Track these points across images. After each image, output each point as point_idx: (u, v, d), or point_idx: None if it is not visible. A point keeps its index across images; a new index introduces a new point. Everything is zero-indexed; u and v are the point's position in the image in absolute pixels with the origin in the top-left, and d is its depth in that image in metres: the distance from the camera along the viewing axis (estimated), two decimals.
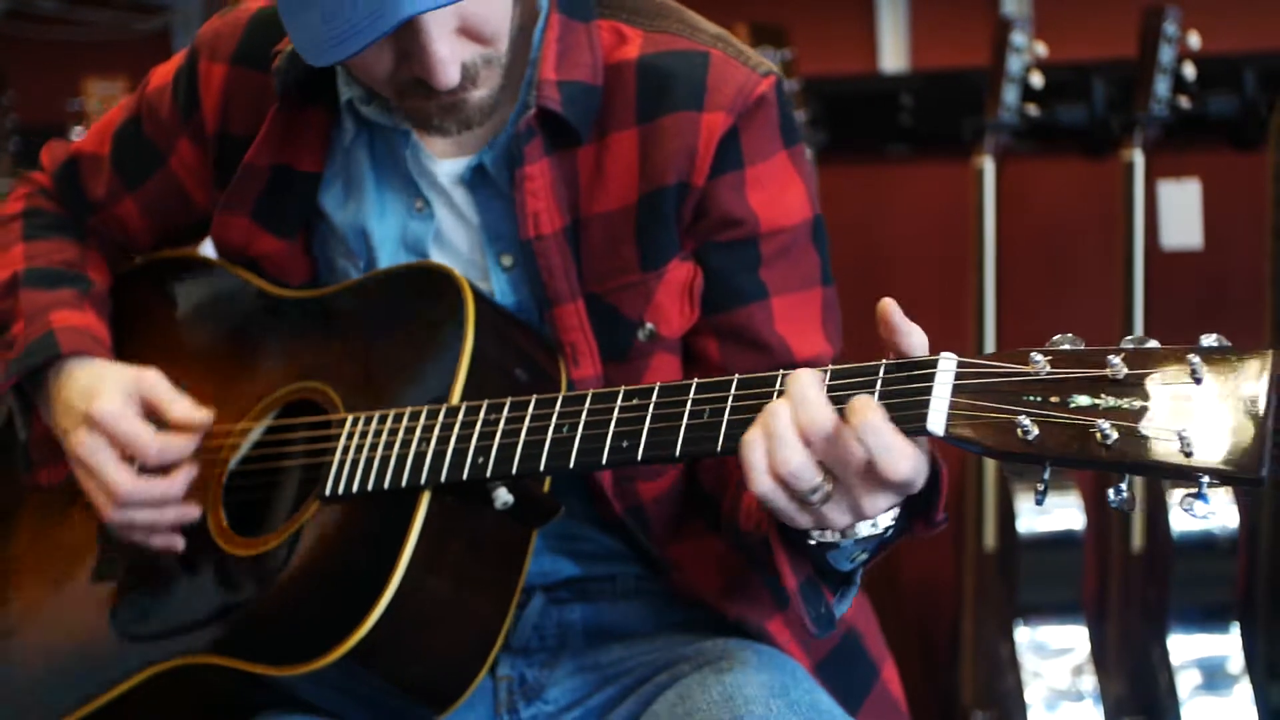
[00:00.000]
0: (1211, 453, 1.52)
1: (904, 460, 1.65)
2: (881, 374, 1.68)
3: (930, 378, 1.64)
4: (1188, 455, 1.52)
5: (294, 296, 2.17)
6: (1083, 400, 1.57)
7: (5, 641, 2.24)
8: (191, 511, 2.10)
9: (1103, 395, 1.56)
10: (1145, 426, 1.54)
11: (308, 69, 2.07)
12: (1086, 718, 3.55)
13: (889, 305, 1.69)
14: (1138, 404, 1.55)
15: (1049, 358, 1.59)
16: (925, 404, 1.63)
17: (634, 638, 2.13)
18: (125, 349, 2.24)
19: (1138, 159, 3.56)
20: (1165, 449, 1.53)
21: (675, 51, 2.03)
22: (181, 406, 2.11)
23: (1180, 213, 3.86)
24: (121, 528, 2.10)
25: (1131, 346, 1.58)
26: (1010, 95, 3.68)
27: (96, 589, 2.18)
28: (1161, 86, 3.56)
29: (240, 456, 2.13)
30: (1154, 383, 1.55)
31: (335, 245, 2.16)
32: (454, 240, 2.11)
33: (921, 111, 4.10)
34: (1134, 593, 3.59)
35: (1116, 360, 1.56)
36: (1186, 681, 3.48)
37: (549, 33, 2.03)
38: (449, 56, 1.89)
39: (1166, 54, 3.56)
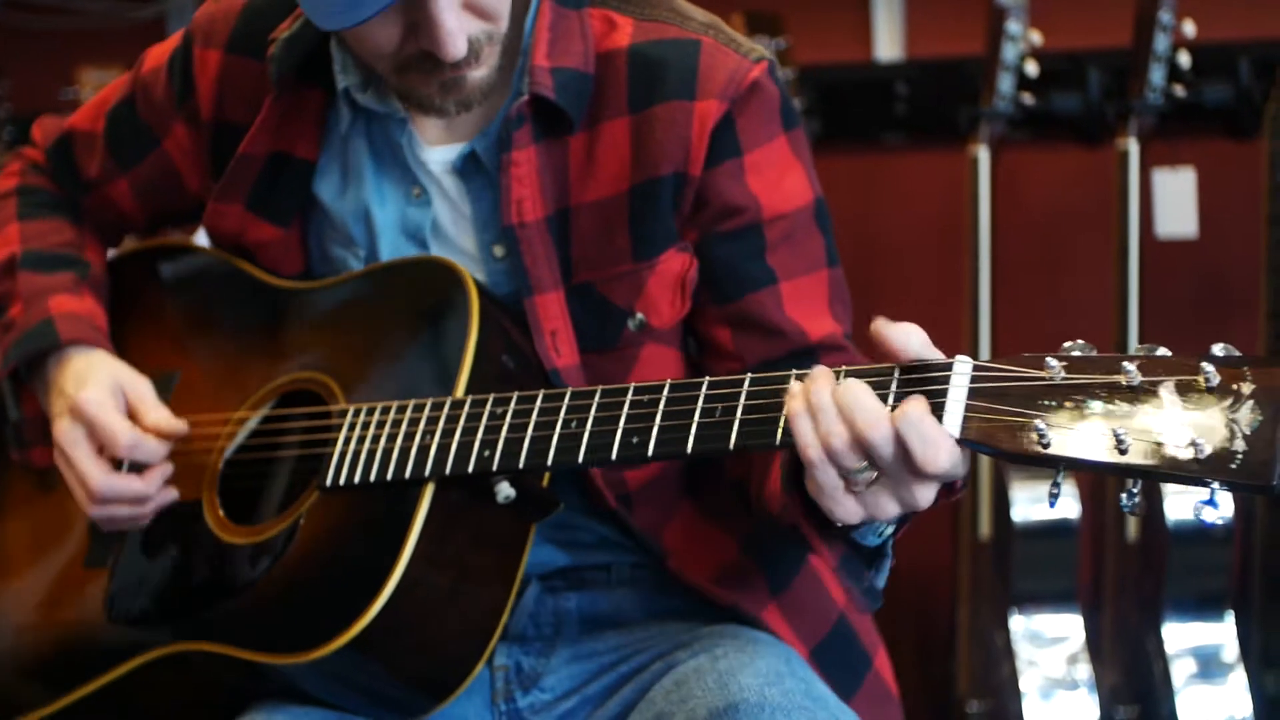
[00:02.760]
0: (1223, 460, 1.53)
1: (943, 454, 1.65)
2: (897, 375, 1.69)
3: (945, 380, 1.66)
4: (1200, 462, 1.54)
5: (292, 287, 2.17)
6: (1097, 406, 1.58)
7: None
8: (170, 494, 2.11)
9: (1117, 401, 1.58)
10: (1159, 433, 1.55)
11: (303, 55, 2.08)
12: (1081, 706, 3.56)
13: (879, 323, 1.71)
14: (1151, 410, 1.56)
15: (1063, 363, 1.61)
16: (941, 406, 1.65)
17: (629, 626, 2.12)
18: (122, 336, 2.24)
19: (1133, 147, 3.55)
20: (1178, 455, 1.55)
21: (666, 40, 2.03)
22: (157, 414, 2.12)
23: (1175, 201, 3.86)
24: (103, 522, 2.12)
25: (1143, 354, 1.59)
26: (1005, 84, 3.67)
27: (90, 573, 2.18)
28: (1156, 75, 3.56)
29: (236, 445, 2.13)
30: (1167, 389, 1.56)
31: (331, 234, 2.16)
32: (451, 229, 2.11)
33: (916, 100, 4.10)
34: (1129, 581, 3.59)
35: (1131, 367, 1.58)
36: (1181, 670, 3.49)
37: (540, 20, 2.03)
38: (457, 28, 1.90)
39: (1161, 42, 3.56)
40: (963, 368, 1.66)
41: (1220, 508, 1.55)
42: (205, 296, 2.27)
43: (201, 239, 2.30)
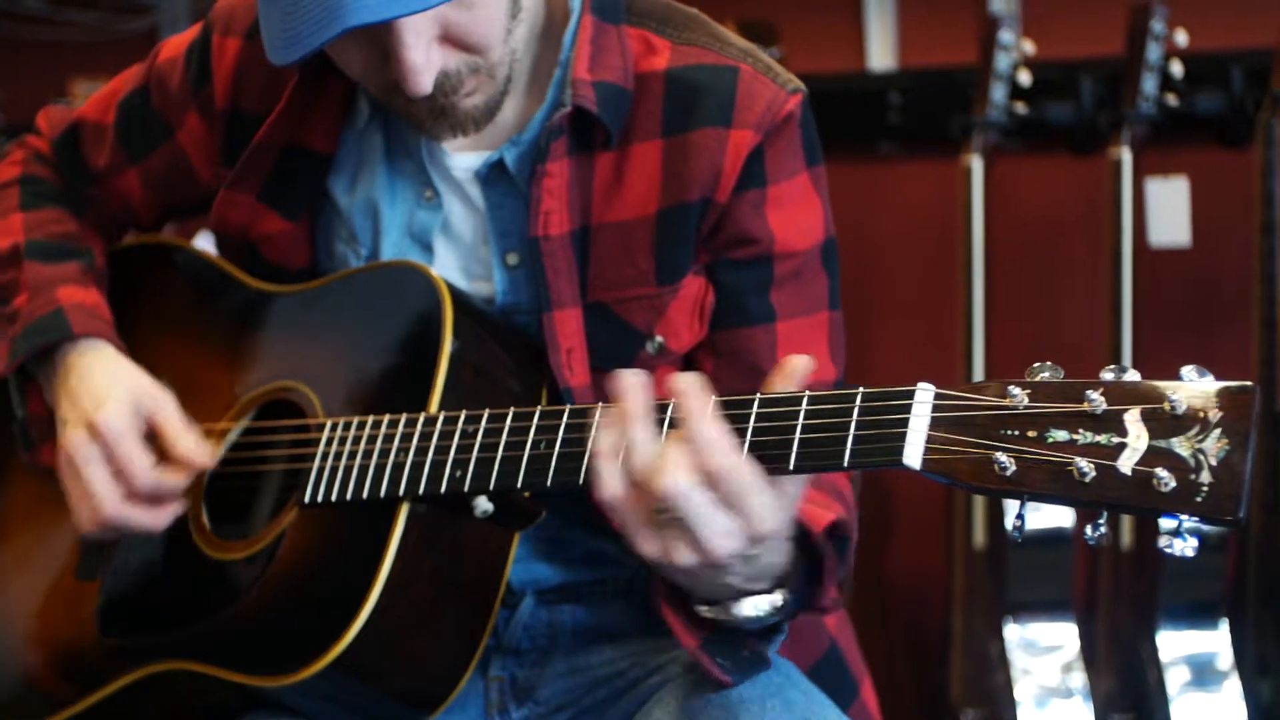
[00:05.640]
0: (1189, 492, 1.50)
1: (719, 449, 1.64)
2: (858, 403, 1.66)
3: (907, 409, 1.62)
4: (1165, 495, 1.50)
5: (273, 291, 2.16)
6: (1060, 435, 1.55)
7: None
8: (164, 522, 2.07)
9: (1080, 430, 1.55)
10: (1123, 464, 1.52)
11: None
12: (1076, 715, 3.56)
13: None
14: (1115, 440, 1.53)
15: (1027, 390, 1.58)
16: (902, 437, 1.62)
17: (625, 639, 2.12)
18: None
19: (1125, 157, 3.56)
20: (1142, 488, 1.51)
21: (704, 65, 2.02)
22: (187, 443, 2.06)
23: (1168, 210, 3.86)
24: (93, 537, 2.09)
25: (1112, 377, 1.56)
26: (998, 93, 3.68)
27: (82, 585, 2.17)
28: (1149, 84, 3.56)
29: (220, 457, 2.12)
30: (1132, 418, 1.53)
31: (338, 230, 2.15)
32: (461, 234, 2.10)
33: (910, 110, 4.10)
34: (1123, 589, 3.59)
35: (1095, 395, 1.54)
36: (1176, 678, 3.49)
37: (582, 33, 2.01)
38: (423, 65, 1.86)
39: (1154, 52, 3.56)
40: (924, 396, 1.62)
41: (1189, 540, 1.51)
42: (188, 299, 2.26)
43: (201, 241, 2.28)
